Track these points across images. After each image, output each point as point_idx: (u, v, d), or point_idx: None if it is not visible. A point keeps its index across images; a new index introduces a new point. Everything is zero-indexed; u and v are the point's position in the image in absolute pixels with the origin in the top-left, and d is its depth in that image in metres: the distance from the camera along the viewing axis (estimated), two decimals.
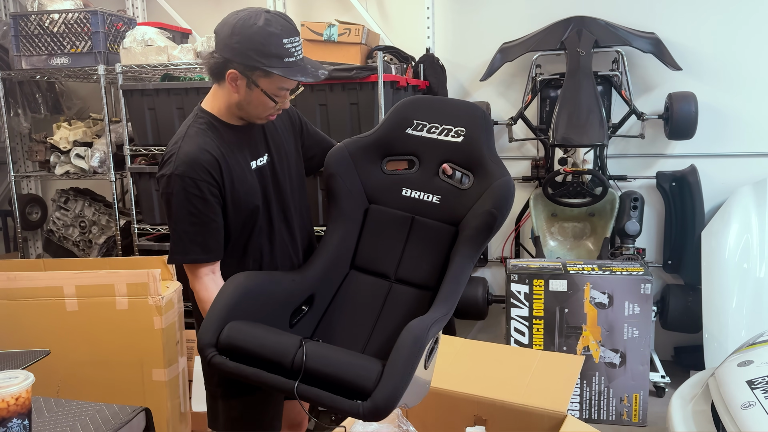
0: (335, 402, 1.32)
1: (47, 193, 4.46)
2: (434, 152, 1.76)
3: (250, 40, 1.52)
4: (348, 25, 3.16)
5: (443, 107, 1.81)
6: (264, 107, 1.63)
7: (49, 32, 3.45)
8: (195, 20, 4.04)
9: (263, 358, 1.41)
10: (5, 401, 1.27)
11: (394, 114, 1.82)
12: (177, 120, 3.19)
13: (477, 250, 1.64)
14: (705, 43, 3.41)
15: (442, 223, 1.71)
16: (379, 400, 1.29)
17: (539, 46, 3.42)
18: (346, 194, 1.76)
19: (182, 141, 1.62)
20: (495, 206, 1.62)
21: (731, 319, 2.91)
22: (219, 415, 1.77)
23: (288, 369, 1.38)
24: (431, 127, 1.78)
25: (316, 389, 1.34)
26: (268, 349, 1.41)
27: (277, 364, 1.39)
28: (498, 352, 2.27)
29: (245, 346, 1.42)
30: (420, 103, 1.83)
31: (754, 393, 1.90)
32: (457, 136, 1.75)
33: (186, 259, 1.63)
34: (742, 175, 3.40)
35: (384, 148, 1.81)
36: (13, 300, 2.58)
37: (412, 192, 1.76)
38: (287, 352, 1.39)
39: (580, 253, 3.50)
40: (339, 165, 1.78)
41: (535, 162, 3.65)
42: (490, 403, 1.90)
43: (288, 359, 1.38)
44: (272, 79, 1.57)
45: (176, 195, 1.58)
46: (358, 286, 1.74)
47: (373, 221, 1.78)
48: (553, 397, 1.89)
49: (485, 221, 1.62)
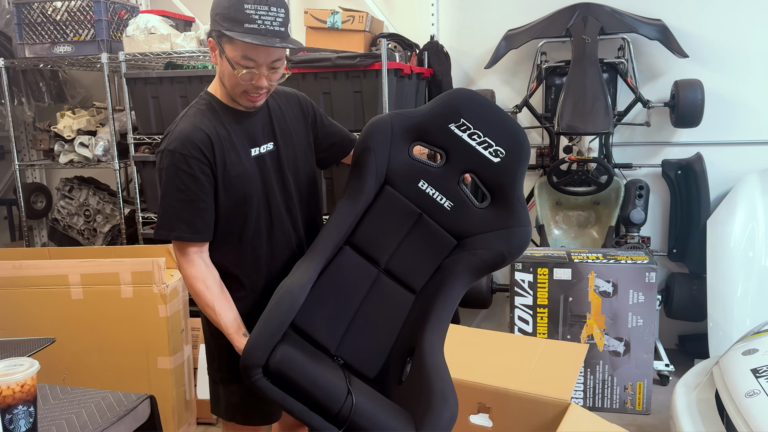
0: None
1: (52, 182, 4.46)
2: (465, 158, 1.71)
3: (218, 5, 1.55)
4: (352, 12, 3.15)
5: (493, 118, 1.73)
6: (231, 79, 1.59)
7: (52, 20, 3.44)
8: (198, 8, 4.02)
9: (311, 397, 1.45)
10: (11, 388, 1.27)
11: (447, 103, 1.74)
12: (180, 108, 3.16)
13: (475, 279, 1.69)
14: (712, 30, 3.38)
15: (446, 231, 1.71)
16: None
17: (544, 33, 3.39)
18: (372, 172, 1.70)
19: (181, 120, 1.63)
20: (510, 252, 1.66)
21: (736, 308, 2.91)
22: (220, 401, 1.77)
23: (332, 415, 1.44)
24: (474, 133, 1.71)
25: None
26: (318, 390, 1.45)
27: (324, 408, 1.44)
28: (502, 341, 2.27)
29: (296, 379, 1.45)
30: (474, 103, 1.75)
31: (759, 381, 1.89)
32: (495, 155, 1.70)
33: (171, 235, 1.61)
34: (748, 163, 3.38)
35: (421, 132, 1.75)
36: (19, 288, 2.59)
37: (428, 187, 1.72)
38: (336, 399, 1.45)
39: (585, 242, 3.49)
40: (378, 138, 1.71)
41: (540, 150, 3.63)
42: (494, 391, 1.91)
43: (336, 407, 1.44)
44: (234, 45, 1.54)
45: (167, 170, 1.58)
46: (348, 264, 1.70)
47: (383, 203, 1.72)
48: (557, 385, 1.89)
49: (494, 259, 1.65)
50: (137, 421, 1.61)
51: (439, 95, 1.78)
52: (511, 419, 1.88)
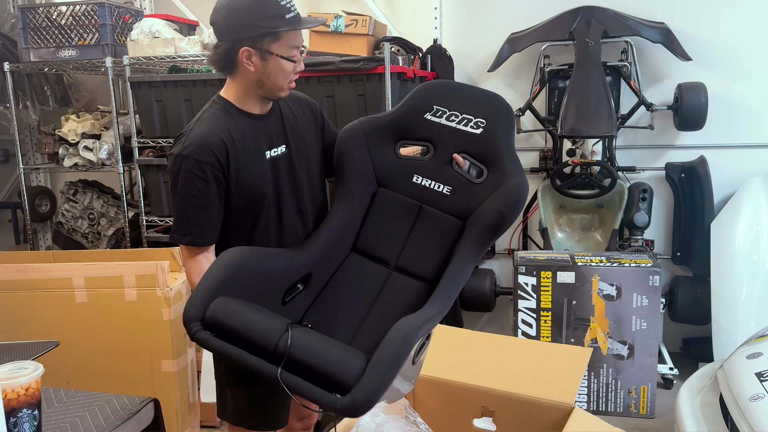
0: (313, 393, 1.29)
1: (56, 185, 4.48)
2: (450, 141, 1.71)
3: (249, 11, 1.55)
4: (355, 16, 3.15)
5: (466, 95, 1.75)
6: (284, 74, 1.63)
7: (57, 24, 3.46)
8: (202, 12, 4.03)
9: (248, 340, 1.36)
10: (15, 392, 1.28)
11: (415, 97, 1.77)
12: (185, 112, 3.19)
13: (481, 249, 1.61)
14: (715, 33, 3.38)
15: (450, 215, 1.68)
16: (358, 397, 1.25)
17: (547, 36, 3.39)
18: (355, 173, 1.72)
19: (195, 124, 1.65)
20: (505, 206, 1.59)
21: (740, 311, 2.90)
22: (227, 405, 1.78)
23: (271, 353, 1.34)
24: (451, 114, 1.72)
25: (296, 378, 1.31)
26: (253, 331, 1.36)
27: (261, 348, 1.35)
28: (505, 344, 2.26)
29: (231, 324, 1.38)
30: (443, 89, 1.78)
31: (763, 385, 1.89)
32: (477, 127, 1.70)
33: (183, 240, 1.64)
34: (752, 166, 3.37)
35: (400, 131, 1.76)
36: (23, 291, 2.60)
37: (423, 180, 1.72)
38: (272, 336, 1.35)
39: (588, 245, 3.48)
40: (351, 143, 1.74)
41: (543, 153, 3.63)
42: (498, 395, 1.90)
43: (272, 343, 1.34)
44: (282, 40, 1.59)
45: (180, 175, 1.60)
46: (356, 269, 1.70)
47: (380, 205, 1.74)
48: (561, 389, 1.88)
49: (493, 221, 1.58)
50: (141, 425, 1.61)
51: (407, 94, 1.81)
52: (515, 423, 1.88)
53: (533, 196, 3.61)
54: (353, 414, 1.27)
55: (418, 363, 1.48)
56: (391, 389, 1.33)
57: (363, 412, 1.27)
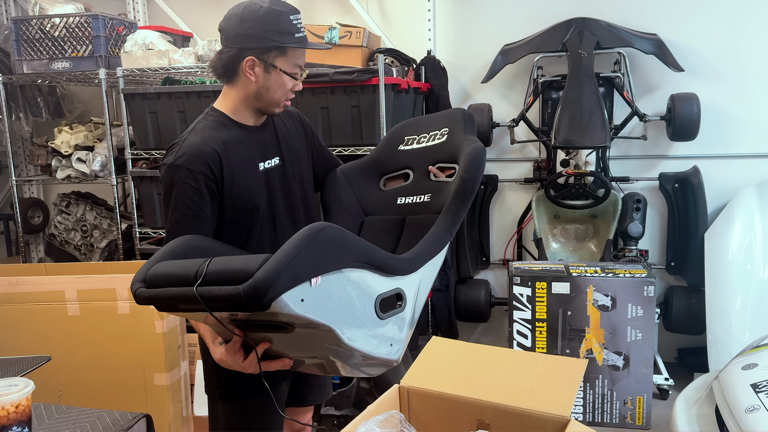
0: (222, 292, 1.22)
1: (49, 197, 4.46)
2: (424, 159, 1.83)
3: (262, 22, 1.58)
4: (349, 27, 3.16)
5: (430, 119, 1.91)
6: (283, 89, 1.66)
7: (50, 36, 3.45)
8: (196, 24, 4.04)
9: (174, 276, 1.32)
10: (5, 409, 1.26)
11: (387, 137, 1.95)
12: (178, 123, 3.19)
13: (453, 217, 1.61)
14: (707, 44, 3.40)
15: (434, 214, 1.71)
16: (259, 277, 1.17)
17: (541, 47, 3.41)
18: (340, 208, 1.84)
19: (189, 134, 1.65)
20: (465, 170, 1.60)
21: (735, 321, 2.90)
22: (219, 419, 1.76)
23: (193, 279, 1.28)
24: (420, 138, 1.87)
25: (209, 287, 1.25)
26: (180, 267, 1.33)
27: (184, 278, 1.30)
28: (501, 356, 2.25)
29: (164, 271, 1.35)
30: (409, 123, 1.95)
31: (759, 396, 1.88)
32: (442, 137, 1.82)
33: None
34: (745, 176, 3.39)
35: (380, 167, 1.90)
36: (15, 304, 2.58)
37: (405, 199, 1.82)
38: (195, 264, 1.31)
39: (583, 255, 3.49)
40: (332, 184, 1.90)
41: (537, 164, 3.64)
42: (493, 408, 1.89)
43: (193, 271, 1.29)
44: (288, 56, 1.63)
45: (174, 185, 1.60)
46: None
47: (368, 229, 1.83)
48: (557, 401, 1.87)
49: (457, 187, 1.60)
50: None
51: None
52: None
53: (527, 206, 3.62)
54: (257, 299, 1.17)
55: (390, 324, 1.44)
56: (367, 345, 1.34)
57: (265, 295, 1.17)
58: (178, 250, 1.47)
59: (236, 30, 1.59)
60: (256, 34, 1.58)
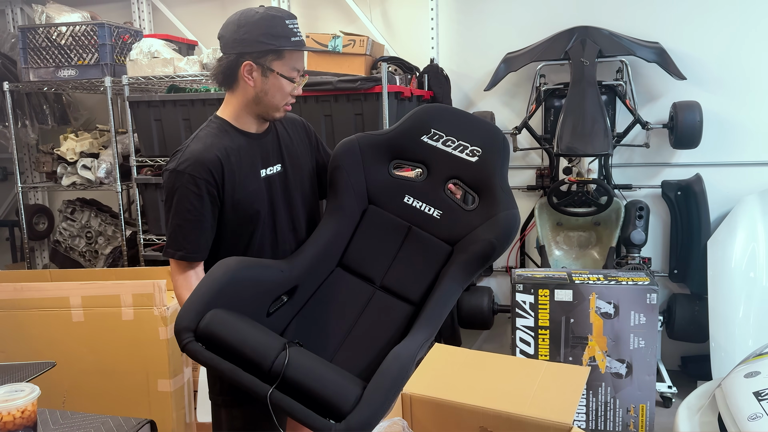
0: (307, 417, 1.25)
1: (54, 204, 4.48)
2: (445, 166, 1.73)
3: (257, 26, 1.60)
4: (352, 36, 3.18)
5: (464, 122, 1.77)
6: (281, 93, 1.66)
7: (56, 45, 3.48)
8: (201, 32, 4.07)
9: (242, 356, 1.32)
10: (11, 414, 1.27)
11: (413, 118, 1.79)
12: (183, 131, 3.21)
13: (469, 276, 1.61)
14: (709, 52, 3.41)
15: (439, 239, 1.68)
16: (354, 425, 1.22)
17: (543, 56, 3.42)
18: (348, 189, 1.74)
19: (192, 141, 1.67)
20: (497, 237, 1.59)
21: (738, 329, 2.90)
22: (222, 425, 1.77)
23: (266, 372, 1.29)
24: (448, 139, 1.74)
25: (289, 399, 1.27)
26: (248, 347, 1.32)
27: (256, 365, 1.30)
28: (503, 363, 2.25)
29: (225, 338, 1.34)
30: (442, 113, 1.80)
31: (761, 404, 1.88)
32: (472, 155, 1.71)
33: (176, 254, 1.66)
34: (748, 184, 3.39)
35: (395, 150, 1.78)
36: (20, 310, 2.59)
37: (414, 201, 1.74)
38: (268, 354, 1.31)
39: (586, 263, 3.49)
40: (347, 157, 1.75)
41: (539, 171, 3.65)
42: (496, 415, 1.89)
43: (267, 362, 1.30)
44: (284, 59, 1.63)
45: (176, 190, 1.62)
46: (341, 285, 1.70)
47: (369, 222, 1.75)
48: (559, 408, 1.87)
49: (483, 250, 1.59)
50: None
51: (405, 115, 1.82)
52: None
53: (530, 213, 3.62)
54: None
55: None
56: None
57: None
58: (227, 288, 1.43)
59: (233, 36, 1.61)
60: (252, 39, 1.60)
